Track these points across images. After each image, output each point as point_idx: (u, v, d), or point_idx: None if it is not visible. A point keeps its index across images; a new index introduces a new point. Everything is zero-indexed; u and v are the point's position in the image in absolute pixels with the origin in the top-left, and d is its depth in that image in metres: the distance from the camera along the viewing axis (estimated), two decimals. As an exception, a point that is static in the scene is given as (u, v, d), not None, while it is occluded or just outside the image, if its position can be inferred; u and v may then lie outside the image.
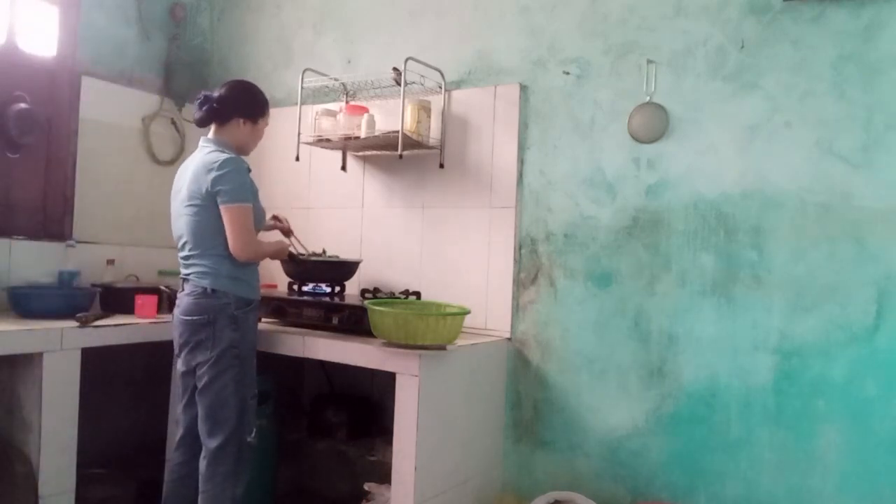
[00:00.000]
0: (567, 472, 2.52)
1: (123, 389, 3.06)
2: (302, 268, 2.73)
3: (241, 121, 2.32)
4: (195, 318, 2.19)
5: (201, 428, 2.23)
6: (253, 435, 2.27)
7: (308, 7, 3.30)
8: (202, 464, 2.22)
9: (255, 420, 2.30)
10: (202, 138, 2.33)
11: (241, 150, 2.36)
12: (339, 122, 2.86)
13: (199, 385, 2.21)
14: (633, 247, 2.44)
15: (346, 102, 3.03)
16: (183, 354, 2.25)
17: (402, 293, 2.79)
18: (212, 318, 2.18)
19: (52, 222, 2.96)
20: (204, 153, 2.24)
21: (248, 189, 2.22)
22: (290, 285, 2.89)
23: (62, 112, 2.98)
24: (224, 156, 2.20)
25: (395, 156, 2.67)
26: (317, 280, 2.83)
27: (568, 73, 2.58)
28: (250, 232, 2.21)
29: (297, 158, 2.89)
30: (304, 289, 2.83)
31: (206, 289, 2.19)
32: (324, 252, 2.91)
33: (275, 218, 2.72)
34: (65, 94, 2.98)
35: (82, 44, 3.04)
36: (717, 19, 2.31)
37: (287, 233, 2.72)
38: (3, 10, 2.79)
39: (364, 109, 2.84)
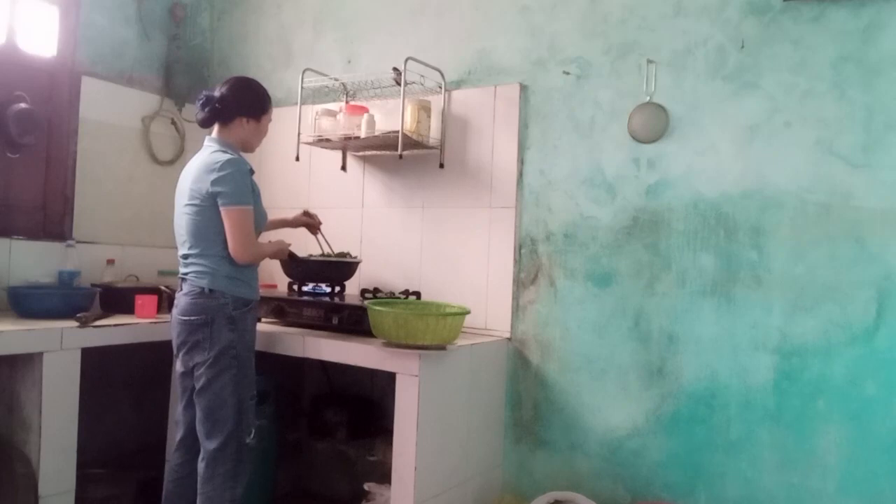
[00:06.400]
0: (567, 472, 2.52)
1: (123, 389, 3.06)
2: (302, 268, 2.73)
3: (245, 120, 2.31)
4: (193, 318, 2.18)
5: (199, 429, 2.22)
6: (252, 436, 2.26)
7: (308, 7, 3.30)
8: (200, 465, 2.21)
9: (254, 421, 2.29)
10: (207, 138, 2.33)
11: (246, 147, 2.36)
12: (339, 122, 2.86)
13: (198, 386, 2.20)
14: (633, 247, 2.44)
15: (346, 102, 3.02)
16: (181, 355, 2.25)
17: (402, 293, 2.79)
18: (209, 319, 2.17)
19: (52, 222, 2.96)
20: (207, 153, 2.24)
21: (248, 191, 2.21)
22: (290, 285, 2.89)
23: (62, 112, 2.98)
24: (226, 157, 2.20)
25: (395, 156, 2.67)
26: (317, 280, 2.83)
27: (568, 73, 2.58)
28: (250, 235, 2.21)
29: (297, 158, 2.89)
30: (304, 289, 2.83)
31: (203, 289, 2.18)
32: (348, 254, 2.89)
33: (306, 214, 2.74)
34: (65, 94, 2.99)
35: (82, 44, 3.04)
36: (717, 19, 2.31)
37: (314, 230, 2.75)
38: (3, 10, 2.79)
39: (364, 109, 2.84)
